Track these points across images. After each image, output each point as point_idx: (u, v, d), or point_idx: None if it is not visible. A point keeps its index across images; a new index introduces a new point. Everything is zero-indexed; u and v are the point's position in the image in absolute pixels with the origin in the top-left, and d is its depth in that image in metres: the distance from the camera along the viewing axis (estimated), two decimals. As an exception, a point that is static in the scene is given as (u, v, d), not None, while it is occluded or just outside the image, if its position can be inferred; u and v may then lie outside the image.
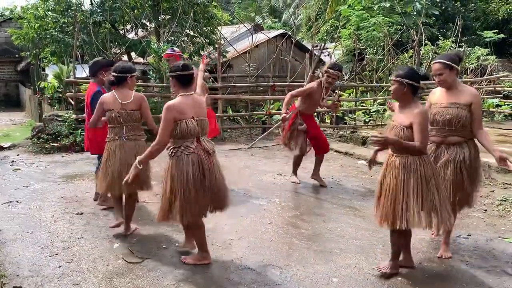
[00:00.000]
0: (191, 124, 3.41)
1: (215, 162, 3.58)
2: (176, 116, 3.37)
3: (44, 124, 8.73)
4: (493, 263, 3.72)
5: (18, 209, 5.06)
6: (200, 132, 3.48)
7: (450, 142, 3.64)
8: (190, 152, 3.41)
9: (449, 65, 3.54)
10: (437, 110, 3.64)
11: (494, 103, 11.53)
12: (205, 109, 3.61)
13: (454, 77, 3.60)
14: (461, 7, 17.60)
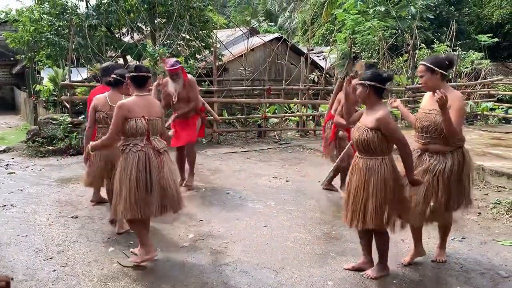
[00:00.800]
0: (140, 123, 3.53)
1: (166, 161, 3.67)
2: (126, 115, 3.52)
3: (39, 128, 8.71)
4: (487, 266, 3.74)
5: (13, 212, 5.04)
6: (151, 131, 3.60)
7: (433, 150, 3.47)
8: (138, 150, 3.53)
9: (430, 68, 3.40)
10: (419, 115, 3.55)
11: (488, 106, 11.62)
12: (158, 110, 3.72)
13: (437, 81, 3.42)
14: (455, 11, 17.74)
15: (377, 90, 3.30)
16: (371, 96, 3.32)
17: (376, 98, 3.32)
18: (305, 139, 9.85)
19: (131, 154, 3.52)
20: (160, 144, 3.68)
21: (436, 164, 3.42)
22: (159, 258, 3.86)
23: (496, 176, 6.03)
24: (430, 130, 3.42)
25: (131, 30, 12.33)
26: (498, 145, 8.18)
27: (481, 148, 7.73)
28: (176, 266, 3.72)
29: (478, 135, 9.43)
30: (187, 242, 4.22)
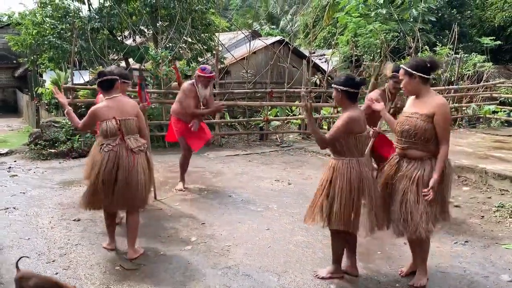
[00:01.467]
0: (110, 124, 3.74)
1: (140, 161, 3.82)
2: (97, 119, 3.80)
3: (42, 130, 8.72)
4: (491, 270, 3.72)
5: (15, 215, 5.04)
6: (124, 131, 3.77)
7: (411, 156, 3.33)
8: (109, 150, 3.74)
9: (407, 71, 3.29)
10: (400, 119, 3.43)
11: (491, 109, 11.59)
12: (131, 110, 3.86)
13: (416, 85, 3.28)
14: (457, 14, 17.73)
15: (349, 95, 3.34)
16: (343, 100, 3.38)
17: (349, 102, 3.36)
18: (307, 142, 9.84)
19: (102, 153, 3.76)
20: (136, 143, 3.83)
21: (413, 170, 3.28)
22: (161, 261, 3.86)
23: (499, 179, 6.01)
24: (410, 134, 3.28)
25: (133, 33, 12.37)
26: (500, 148, 8.15)
27: (483, 151, 7.71)
28: (179, 269, 3.71)
29: (481, 138, 9.41)
30: (190, 245, 4.21)
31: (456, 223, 4.82)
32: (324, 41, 19.59)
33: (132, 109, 3.88)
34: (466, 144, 8.50)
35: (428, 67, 3.26)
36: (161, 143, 8.99)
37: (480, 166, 6.42)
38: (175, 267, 3.74)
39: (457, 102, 12.04)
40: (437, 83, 12.88)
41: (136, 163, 3.76)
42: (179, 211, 5.21)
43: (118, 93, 3.98)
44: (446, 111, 3.24)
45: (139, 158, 3.81)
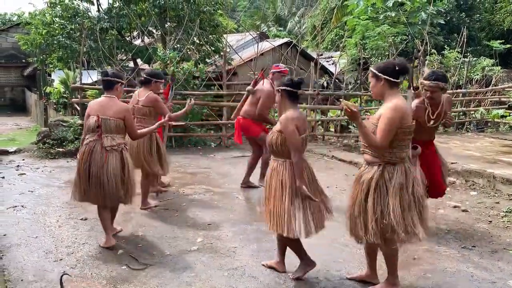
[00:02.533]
0: (91, 120, 4.07)
1: (112, 160, 4.03)
2: (88, 112, 4.17)
3: (50, 129, 8.78)
4: (498, 275, 3.69)
5: (23, 214, 5.08)
6: (103, 129, 4.05)
7: (366, 160, 3.23)
8: (86, 144, 4.08)
9: (374, 73, 3.15)
10: (365, 122, 3.25)
11: (499, 113, 11.51)
12: (114, 112, 4.08)
13: (382, 88, 3.11)
14: (466, 17, 17.64)
15: (289, 94, 3.40)
16: (283, 100, 3.44)
17: (290, 102, 3.41)
18: (314, 144, 9.82)
19: (82, 146, 4.14)
20: (111, 142, 4.05)
21: (366, 174, 3.17)
22: (168, 262, 3.87)
23: (507, 184, 5.96)
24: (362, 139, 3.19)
25: (142, 33, 12.42)
26: (509, 152, 8.09)
27: (492, 156, 7.66)
28: (185, 269, 3.72)
29: (489, 142, 9.35)
30: (196, 246, 4.22)
31: (464, 228, 4.80)
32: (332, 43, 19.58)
33: (117, 112, 4.09)
34: (474, 148, 8.45)
35: (397, 70, 3.10)
36: (167, 143, 9.01)
37: (488, 170, 6.38)
38: (181, 268, 3.75)
39: (465, 106, 11.98)
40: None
41: (107, 161, 4.00)
42: (186, 211, 5.23)
43: (116, 94, 4.23)
44: (388, 115, 3.01)
45: (112, 157, 4.02)
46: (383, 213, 3.07)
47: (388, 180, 3.08)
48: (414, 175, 3.20)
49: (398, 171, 3.09)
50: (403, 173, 3.09)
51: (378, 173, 3.10)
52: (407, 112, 3.09)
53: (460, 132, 11.39)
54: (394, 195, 3.05)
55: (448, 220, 5.05)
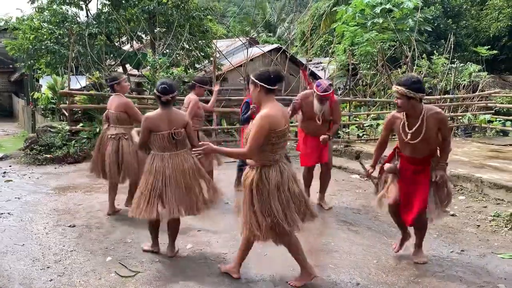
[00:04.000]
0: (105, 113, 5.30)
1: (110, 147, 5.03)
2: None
3: (37, 135, 8.69)
4: (487, 279, 3.72)
5: (10, 221, 5.00)
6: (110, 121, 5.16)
7: (249, 164, 3.43)
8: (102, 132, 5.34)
9: (252, 80, 3.34)
10: None
11: (486, 119, 11.66)
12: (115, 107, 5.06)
13: (259, 94, 3.31)
14: (453, 24, 17.90)
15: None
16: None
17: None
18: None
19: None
20: (113, 131, 5.05)
21: (247, 177, 3.36)
22: (157, 268, 3.83)
23: (494, 188, 6.03)
24: None
25: (131, 39, 12.39)
26: (496, 157, 8.19)
27: (479, 160, 7.74)
28: (175, 276, 3.69)
29: (476, 147, 9.45)
30: (185, 253, 4.19)
31: (452, 232, 4.84)
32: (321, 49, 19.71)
33: (117, 106, 5.04)
34: (462, 153, 8.54)
35: (271, 78, 3.25)
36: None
37: (476, 175, 6.45)
38: (171, 275, 3.72)
39: (452, 111, 12.11)
40: (432, 93, 12.97)
41: (107, 147, 5.03)
42: (175, 218, 5.19)
43: (121, 91, 5.16)
44: (257, 123, 3.18)
45: (110, 144, 5.02)
46: (269, 212, 3.27)
47: (266, 182, 3.27)
48: (292, 173, 3.40)
49: (274, 172, 3.28)
50: (278, 174, 3.29)
51: (257, 176, 3.29)
52: (277, 117, 3.23)
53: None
54: (273, 195, 3.25)
55: (437, 224, 5.06)
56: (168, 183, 3.81)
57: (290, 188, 3.32)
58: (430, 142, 3.67)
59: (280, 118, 3.26)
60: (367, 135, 10.38)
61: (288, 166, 3.39)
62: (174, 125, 3.86)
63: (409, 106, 3.60)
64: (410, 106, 3.59)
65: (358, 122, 10.81)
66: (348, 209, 5.70)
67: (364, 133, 10.52)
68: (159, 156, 3.85)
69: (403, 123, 3.70)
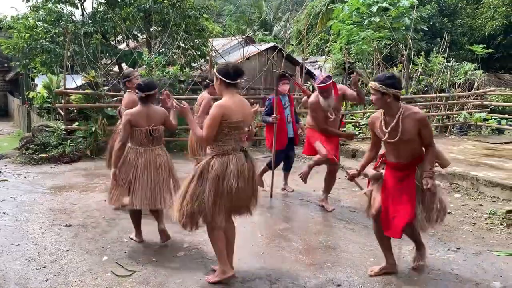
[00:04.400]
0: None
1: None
2: None
3: (33, 135, 8.65)
4: (483, 277, 3.74)
5: (5, 221, 4.98)
6: None
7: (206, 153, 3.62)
8: None
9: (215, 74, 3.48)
10: None
11: (482, 117, 11.70)
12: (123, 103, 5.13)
13: (219, 87, 3.45)
14: (448, 22, 17.94)
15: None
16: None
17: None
18: (300, 148, 9.83)
19: None
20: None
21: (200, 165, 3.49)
22: (154, 268, 3.83)
23: (490, 186, 6.05)
24: None
25: (127, 37, 12.35)
26: (491, 155, 8.22)
27: (475, 158, 7.77)
28: (171, 275, 3.69)
29: (472, 145, 9.49)
30: (182, 252, 4.19)
31: (448, 230, 4.85)
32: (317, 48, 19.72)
33: (128, 103, 5.00)
34: (458, 151, 8.57)
35: (230, 72, 3.36)
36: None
37: (472, 173, 6.47)
38: (168, 274, 3.72)
39: (448, 110, 12.15)
40: (428, 91, 13.00)
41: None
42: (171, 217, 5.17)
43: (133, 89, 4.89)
44: (211, 111, 3.32)
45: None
46: (198, 199, 3.36)
47: (209, 170, 3.36)
48: (242, 167, 3.39)
49: (219, 162, 3.35)
50: (223, 165, 3.34)
51: (205, 163, 3.40)
52: (231, 108, 3.33)
53: (443, 135, 11.54)
54: (210, 184, 3.33)
55: (433, 222, 5.10)
56: (138, 176, 4.06)
57: (229, 183, 3.33)
58: (412, 144, 3.47)
59: (236, 110, 3.35)
60: (363, 134, 10.40)
61: (241, 161, 3.41)
62: (153, 121, 4.10)
63: (383, 103, 3.46)
64: (383, 102, 3.45)
65: (354, 120, 10.82)
66: (344, 207, 5.71)
67: (360, 131, 10.54)
68: (134, 149, 4.13)
69: (381, 122, 3.56)
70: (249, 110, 3.53)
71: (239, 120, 3.36)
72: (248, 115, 3.50)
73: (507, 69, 18.35)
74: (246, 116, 3.46)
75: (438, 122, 11.99)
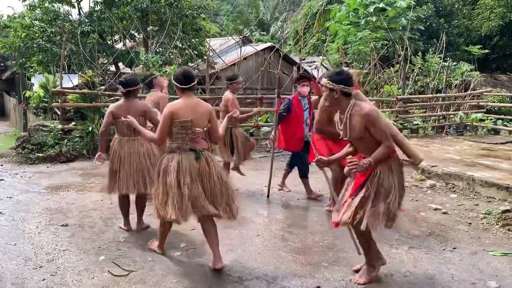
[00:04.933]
0: None
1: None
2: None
3: (29, 134, 8.62)
4: (478, 276, 3.76)
5: (1, 220, 4.96)
6: None
7: None
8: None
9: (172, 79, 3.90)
10: None
11: (478, 117, 11.76)
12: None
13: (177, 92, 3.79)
14: (445, 23, 18.01)
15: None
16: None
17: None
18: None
19: None
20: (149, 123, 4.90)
21: None
22: (150, 267, 3.83)
23: (486, 186, 6.08)
24: None
25: (124, 37, 12.33)
26: (487, 155, 8.26)
27: (471, 159, 7.80)
28: (168, 275, 3.69)
29: (468, 146, 9.53)
30: (179, 251, 4.19)
31: (444, 230, 4.87)
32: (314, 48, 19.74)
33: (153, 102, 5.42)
34: (454, 152, 8.60)
35: (181, 78, 3.70)
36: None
37: (468, 173, 6.50)
38: (165, 273, 3.72)
39: (444, 110, 12.20)
40: (425, 91, 13.05)
41: None
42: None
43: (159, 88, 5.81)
44: (163, 113, 3.73)
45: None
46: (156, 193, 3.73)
47: (160, 165, 3.74)
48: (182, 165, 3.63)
49: (166, 159, 3.71)
50: (168, 161, 3.68)
51: (161, 160, 3.78)
52: (180, 109, 3.65)
53: (440, 135, 11.58)
54: (160, 178, 3.70)
55: (429, 222, 5.12)
56: (122, 164, 4.45)
57: (170, 178, 3.61)
58: (366, 142, 3.36)
59: (185, 111, 3.65)
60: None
61: (188, 159, 3.65)
62: (131, 114, 4.28)
63: (331, 99, 3.38)
64: (332, 98, 3.37)
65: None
66: (341, 207, 5.71)
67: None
68: (118, 140, 4.54)
69: (338, 119, 3.51)
70: (203, 112, 3.73)
71: (186, 120, 3.62)
72: (201, 116, 3.71)
73: (503, 70, 18.43)
74: (198, 117, 3.68)
75: (435, 123, 12.04)
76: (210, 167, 3.71)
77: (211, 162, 3.74)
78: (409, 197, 6.18)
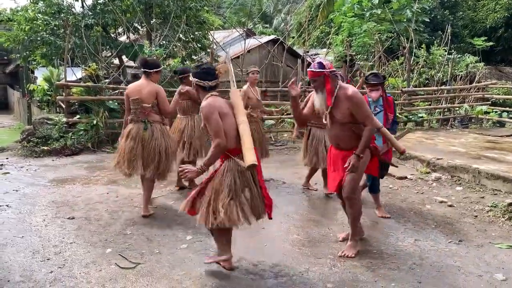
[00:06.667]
0: None
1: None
2: None
3: (34, 127, 8.65)
4: (485, 269, 3.76)
5: (8, 213, 4.99)
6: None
7: None
8: None
9: None
10: None
11: (483, 110, 11.70)
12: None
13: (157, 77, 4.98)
14: (449, 15, 17.85)
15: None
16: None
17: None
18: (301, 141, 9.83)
19: None
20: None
21: None
22: (157, 260, 3.85)
23: (492, 179, 6.06)
24: None
25: (127, 30, 12.29)
26: (492, 148, 8.23)
27: (476, 151, 7.78)
28: (175, 267, 3.70)
29: (473, 138, 9.49)
30: (185, 244, 4.20)
31: (450, 223, 4.87)
32: (318, 41, 19.65)
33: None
34: (459, 144, 8.57)
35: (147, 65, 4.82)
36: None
37: (473, 166, 6.48)
38: (171, 266, 3.73)
39: (449, 103, 12.14)
40: (429, 84, 12.98)
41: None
42: (174, 210, 5.19)
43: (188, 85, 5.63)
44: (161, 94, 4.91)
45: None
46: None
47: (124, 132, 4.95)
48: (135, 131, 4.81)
49: (127, 128, 4.85)
50: (127, 129, 4.86)
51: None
52: (131, 90, 4.83)
53: (445, 128, 11.54)
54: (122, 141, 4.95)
55: (435, 215, 5.12)
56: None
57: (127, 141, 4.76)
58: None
59: (134, 90, 4.80)
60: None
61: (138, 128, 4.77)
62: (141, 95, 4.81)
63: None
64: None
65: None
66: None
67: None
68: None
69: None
70: (148, 91, 4.75)
71: (134, 98, 4.76)
72: (146, 94, 4.74)
73: (508, 62, 18.28)
74: (143, 96, 4.75)
75: (439, 115, 11.99)
76: (153, 137, 4.77)
77: (157, 133, 4.79)
78: (414, 190, 6.18)
